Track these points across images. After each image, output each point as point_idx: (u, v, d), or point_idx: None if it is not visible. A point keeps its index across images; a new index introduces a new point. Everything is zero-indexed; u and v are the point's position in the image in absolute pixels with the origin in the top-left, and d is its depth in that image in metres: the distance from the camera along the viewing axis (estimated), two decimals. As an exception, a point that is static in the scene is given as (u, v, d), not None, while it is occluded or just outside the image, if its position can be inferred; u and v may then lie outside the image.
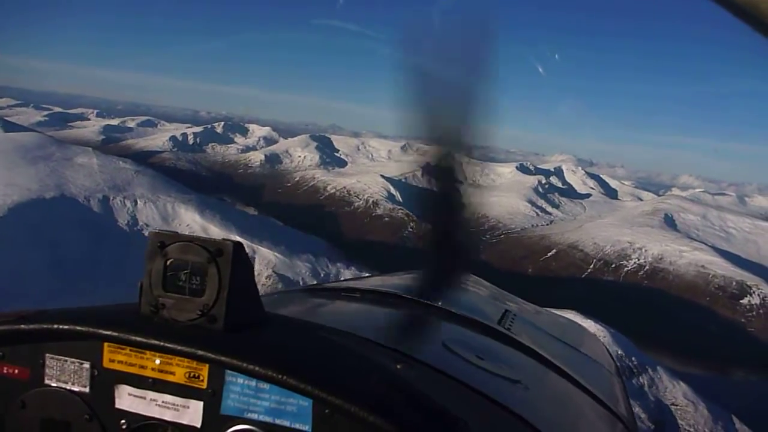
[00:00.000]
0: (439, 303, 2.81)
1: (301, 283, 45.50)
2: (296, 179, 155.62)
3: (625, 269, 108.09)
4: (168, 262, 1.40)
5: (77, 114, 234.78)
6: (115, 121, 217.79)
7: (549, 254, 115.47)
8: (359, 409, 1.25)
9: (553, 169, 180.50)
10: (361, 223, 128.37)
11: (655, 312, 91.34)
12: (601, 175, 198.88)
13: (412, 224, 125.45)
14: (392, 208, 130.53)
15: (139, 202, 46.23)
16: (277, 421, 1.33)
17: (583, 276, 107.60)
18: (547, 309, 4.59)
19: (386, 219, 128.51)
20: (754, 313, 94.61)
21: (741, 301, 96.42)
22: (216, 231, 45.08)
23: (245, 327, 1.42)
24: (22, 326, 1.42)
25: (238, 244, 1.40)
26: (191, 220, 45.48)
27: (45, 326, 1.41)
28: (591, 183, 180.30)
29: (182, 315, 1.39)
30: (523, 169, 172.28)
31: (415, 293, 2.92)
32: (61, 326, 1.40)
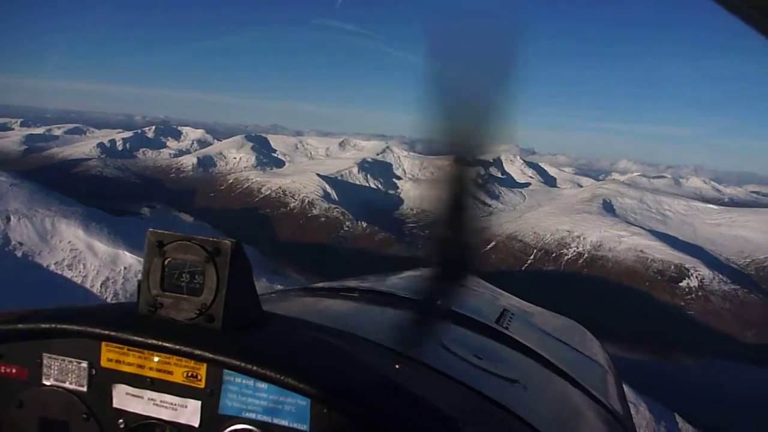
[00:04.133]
0: (438, 302, 2.65)
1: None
2: (229, 182, 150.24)
3: (566, 258, 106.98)
4: (166, 262, 1.40)
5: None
6: (40, 130, 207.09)
7: (488, 246, 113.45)
8: (357, 408, 1.28)
9: (491, 160, 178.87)
10: (296, 224, 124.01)
11: (596, 300, 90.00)
12: (540, 164, 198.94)
13: (347, 224, 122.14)
14: (328, 208, 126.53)
15: (12, 218, 40.83)
16: (275, 421, 1.33)
17: (523, 267, 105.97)
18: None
19: (322, 219, 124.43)
20: (693, 296, 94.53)
21: (680, 284, 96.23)
22: (103, 247, 40.34)
23: (243, 326, 1.42)
24: (20, 326, 1.43)
25: (237, 244, 1.39)
26: (73, 236, 40.41)
27: (43, 326, 1.42)
28: (530, 172, 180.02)
29: (180, 314, 1.39)
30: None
31: (416, 294, 2.88)
32: (59, 326, 1.41)
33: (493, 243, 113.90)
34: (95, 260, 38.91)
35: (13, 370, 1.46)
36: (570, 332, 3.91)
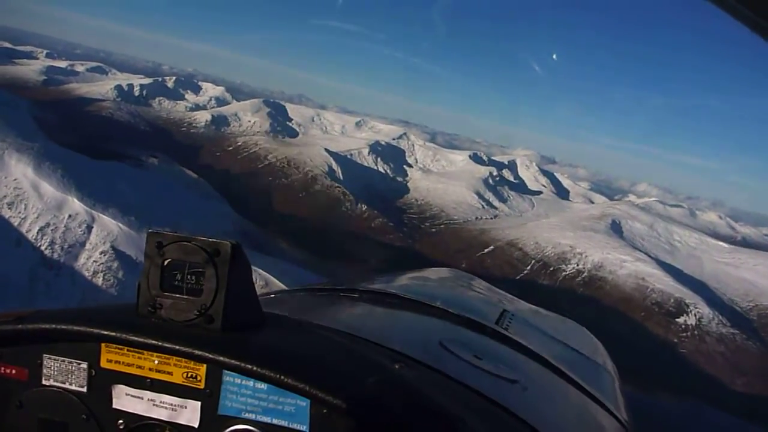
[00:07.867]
0: (437, 303, 2.91)
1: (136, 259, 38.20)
2: (238, 144, 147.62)
3: (563, 273, 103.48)
4: (165, 262, 1.39)
5: (25, 51, 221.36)
6: (63, 63, 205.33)
7: (486, 250, 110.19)
8: (357, 409, 1.28)
9: (507, 162, 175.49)
10: (295, 197, 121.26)
11: (584, 322, 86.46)
12: (556, 174, 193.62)
13: (347, 204, 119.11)
14: (330, 185, 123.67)
15: (-44, 146, 37.64)
16: (275, 421, 1.34)
17: (518, 277, 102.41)
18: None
19: (322, 196, 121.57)
20: (688, 333, 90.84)
21: (677, 319, 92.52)
22: (50, 190, 37.11)
23: (243, 327, 1.42)
24: (20, 326, 1.43)
25: (237, 245, 1.39)
26: (21, 174, 37.19)
27: (43, 326, 1.42)
28: (543, 180, 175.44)
29: (180, 315, 1.39)
30: (476, 158, 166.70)
31: (415, 294, 3.06)
32: (59, 326, 1.41)
33: (492, 247, 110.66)
34: (39, 203, 35.72)
35: (13, 371, 1.46)
36: (571, 333, 3.89)
